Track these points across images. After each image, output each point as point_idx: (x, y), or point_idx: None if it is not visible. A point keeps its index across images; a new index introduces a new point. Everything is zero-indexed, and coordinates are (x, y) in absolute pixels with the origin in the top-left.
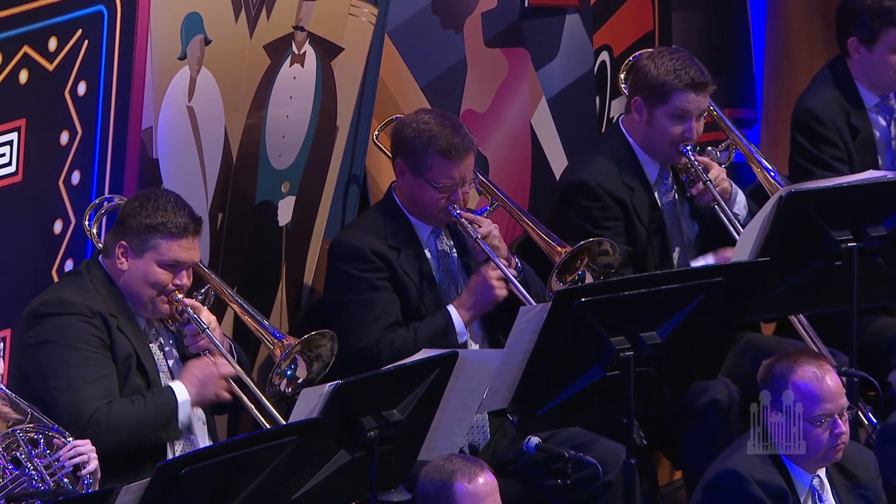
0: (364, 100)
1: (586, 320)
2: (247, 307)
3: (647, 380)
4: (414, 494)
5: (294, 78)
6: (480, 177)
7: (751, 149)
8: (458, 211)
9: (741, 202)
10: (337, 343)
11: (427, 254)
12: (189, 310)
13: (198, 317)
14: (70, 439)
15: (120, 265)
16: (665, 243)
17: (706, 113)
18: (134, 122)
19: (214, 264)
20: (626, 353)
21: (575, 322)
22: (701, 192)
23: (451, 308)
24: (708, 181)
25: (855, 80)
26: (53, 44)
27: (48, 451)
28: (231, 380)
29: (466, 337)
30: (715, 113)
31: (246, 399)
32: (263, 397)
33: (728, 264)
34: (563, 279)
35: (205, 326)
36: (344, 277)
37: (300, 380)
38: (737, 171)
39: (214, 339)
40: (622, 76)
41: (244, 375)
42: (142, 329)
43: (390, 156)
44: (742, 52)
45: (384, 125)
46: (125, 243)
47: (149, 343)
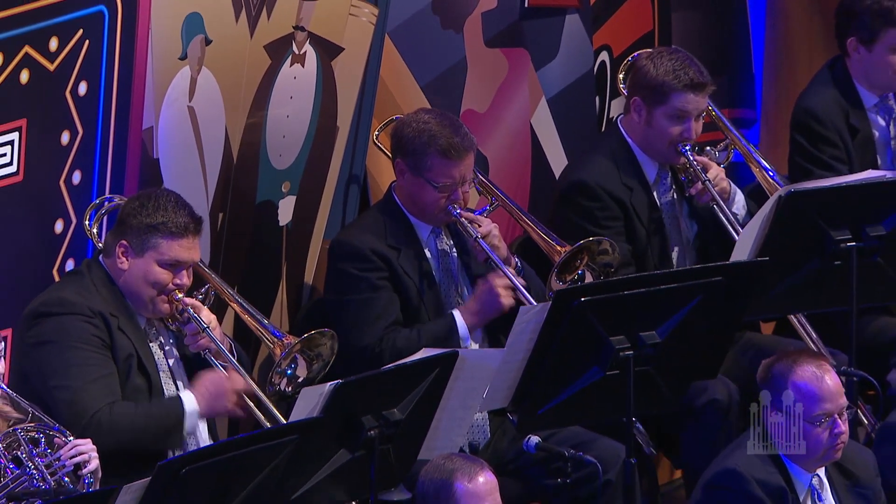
0: (364, 100)
1: (586, 320)
2: (246, 306)
3: (647, 379)
4: (414, 493)
5: (294, 78)
6: (480, 176)
7: (749, 149)
8: (458, 210)
9: (740, 202)
10: (337, 342)
11: (427, 253)
12: (189, 309)
13: (198, 316)
14: (71, 438)
15: (120, 265)
16: (664, 243)
17: (705, 113)
18: (135, 122)
19: (215, 264)
20: (626, 353)
21: (575, 321)
22: (700, 192)
23: (457, 313)
24: (707, 181)
25: (854, 80)
26: (54, 44)
27: (49, 451)
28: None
29: (469, 342)
30: (714, 113)
31: (259, 413)
32: (275, 410)
33: (727, 264)
34: (563, 278)
35: (205, 326)
36: (344, 277)
37: (300, 379)
38: (736, 171)
39: (215, 339)
40: (621, 76)
41: (258, 391)
42: (142, 328)
43: (390, 156)
44: (741, 53)
45: (384, 125)
46: (125, 243)
47: (149, 342)
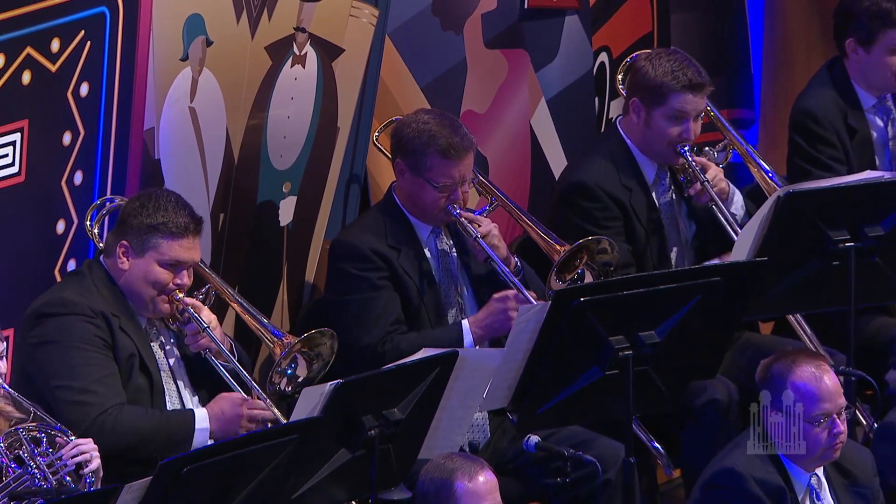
0: (365, 100)
1: (585, 320)
2: (247, 306)
3: (646, 379)
4: (414, 493)
5: (295, 79)
6: (480, 177)
7: (748, 149)
8: (458, 210)
9: (738, 202)
10: (337, 342)
11: (427, 253)
12: (190, 309)
13: (198, 316)
14: (72, 438)
15: (121, 265)
16: (663, 243)
17: (703, 114)
18: (136, 123)
19: (216, 264)
20: (625, 353)
21: (574, 321)
22: (698, 193)
23: (465, 323)
24: (705, 181)
25: (852, 81)
26: (56, 45)
27: (51, 450)
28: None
29: None
30: (712, 113)
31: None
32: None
33: (726, 264)
34: (563, 278)
35: (205, 325)
36: (345, 277)
37: (300, 378)
38: (735, 172)
39: (215, 339)
40: (619, 77)
41: (280, 416)
42: (143, 328)
43: (390, 156)
44: (740, 53)
45: (384, 126)
46: (126, 243)
47: (150, 342)
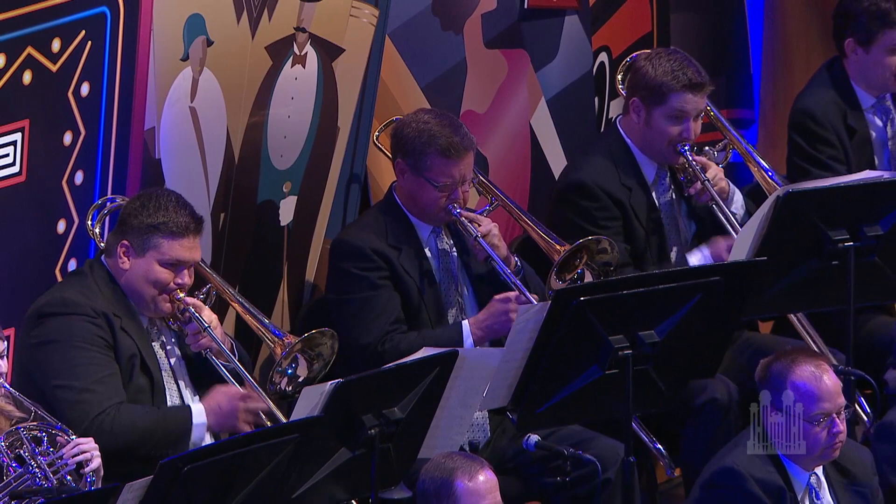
0: (365, 100)
1: (585, 319)
2: (247, 306)
3: (646, 378)
4: (415, 492)
5: (295, 79)
6: (480, 176)
7: (748, 148)
8: (458, 210)
9: (738, 201)
10: (337, 342)
11: (427, 253)
12: (190, 308)
13: (199, 315)
14: (73, 437)
15: (122, 264)
16: (663, 243)
17: (703, 113)
18: (136, 123)
19: (217, 264)
20: (625, 352)
21: (574, 321)
22: (699, 192)
23: (466, 324)
24: (706, 181)
25: (852, 81)
26: (57, 45)
27: (52, 449)
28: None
29: None
30: (712, 113)
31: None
32: (277, 410)
33: (726, 264)
34: (563, 277)
35: (206, 325)
36: (345, 276)
37: (301, 378)
38: (735, 172)
39: (216, 338)
40: (619, 77)
41: (275, 409)
42: (144, 328)
43: (390, 156)
44: (740, 53)
45: (384, 126)
46: (127, 243)
47: (151, 342)
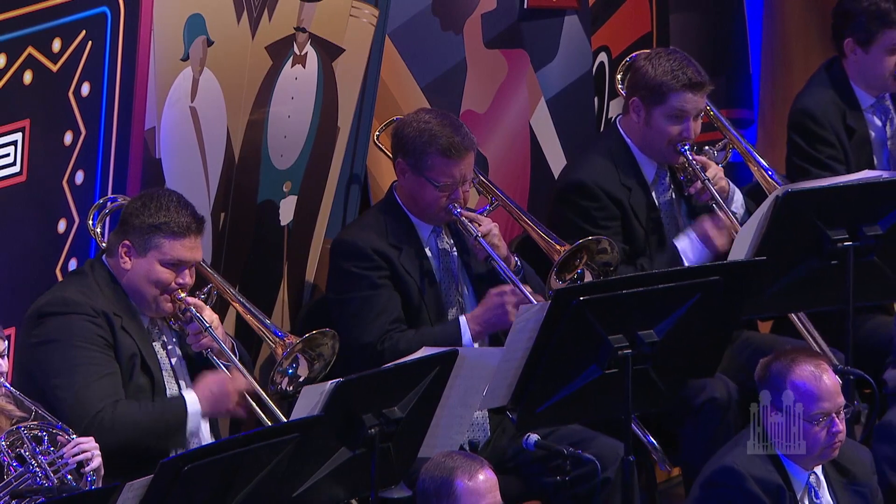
0: (365, 100)
1: (585, 319)
2: (248, 306)
3: (645, 377)
4: (415, 491)
5: (295, 78)
6: (480, 176)
7: (748, 148)
8: (459, 210)
9: (738, 200)
10: (338, 342)
11: (428, 252)
12: (192, 308)
13: (200, 315)
14: (74, 436)
15: (123, 264)
16: (662, 242)
17: (703, 113)
18: (137, 123)
19: (217, 263)
20: (625, 352)
21: (573, 320)
22: (699, 191)
23: (463, 319)
24: (706, 180)
25: (851, 81)
26: (57, 45)
27: (52, 449)
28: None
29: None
30: (712, 113)
31: (260, 412)
32: (276, 408)
33: (725, 263)
34: (563, 277)
35: (207, 325)
36: (346, 275)
37: (301, 378)
38: (734, 171)
39: (217, 338)
40: (619, 77)
41: (260, 390)
42: (145, 328)
43: (391, 156)
44: (739, 53)
45: (385, 125)
46: (128, 242)
47: (152, 342)
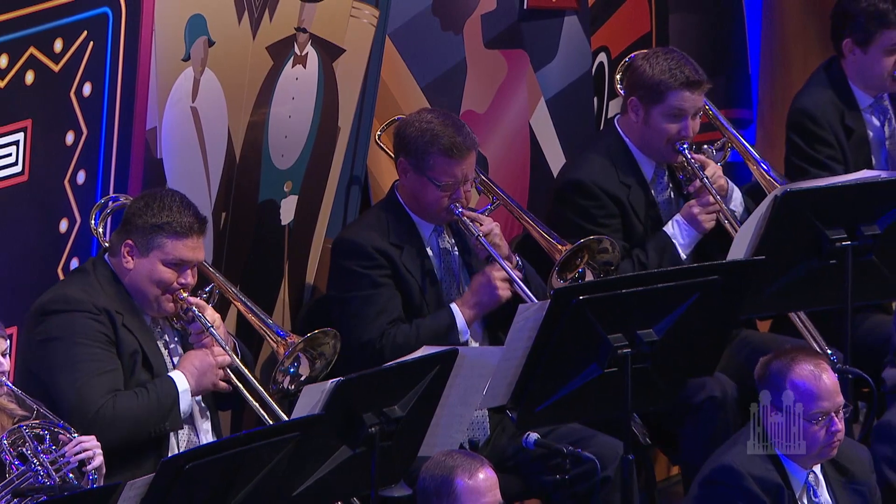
0: (365, 100)
1: (584, 318)
2: (250, 305)
3: (645, 376)
4: (415, 490)
5: (296, 79)
6: (482, 176)
7: (747, 147)
8: (460, 209)
9: (737, 199)
10: (339, 341)
11: (429, 251)
12: (194, 308)
13: (202, 315)
14: (75, 435)
15: (125, 264)
16: None
17: (702, 113)
18: (138, 123)
19: (218, 263)
20: (624, 351)
21: (573, 319)
22: (698, 190)
23: (454, 306)
24: (705, 178)
25: (849, 81)
26: (59, 45)
27: (54, 447)
28: (229, 370)
29: (468, 335)
30: (710, 112)
31: (244, 389)
32: (259, 385)
33: (724, 262)
34: (564, 276)
35: (209, 324)
36: (347, 274)
37: (303, 377)
38: (734, 171)
39: (219, 338)
40: (618, 77)
41: (240, 365)
42: (147, 325)
43: (393, 155)
44: (738, 54)
45: (387, 125)
46: (131, 242)
47: (154, 341)
